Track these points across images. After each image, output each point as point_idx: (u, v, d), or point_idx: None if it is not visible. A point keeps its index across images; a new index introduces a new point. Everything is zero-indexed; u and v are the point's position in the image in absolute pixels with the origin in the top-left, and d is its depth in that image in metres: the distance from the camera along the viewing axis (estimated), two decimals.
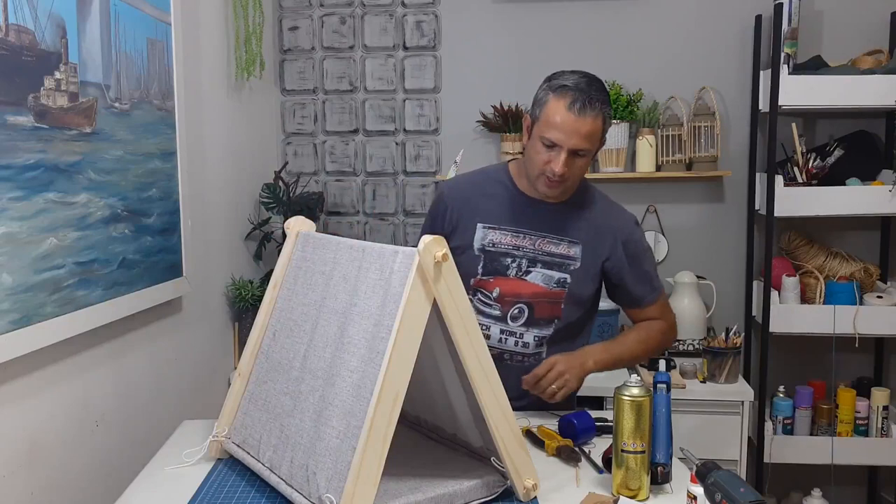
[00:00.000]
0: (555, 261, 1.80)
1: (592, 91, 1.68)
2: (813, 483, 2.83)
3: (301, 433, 1.31)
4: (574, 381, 1.73)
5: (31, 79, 1.48)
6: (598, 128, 1.69)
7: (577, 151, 1.68)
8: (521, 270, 1.80)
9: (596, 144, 1.72)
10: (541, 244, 1.80)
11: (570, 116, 1.66)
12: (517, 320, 1.81)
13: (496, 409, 1.28)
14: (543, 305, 1.81)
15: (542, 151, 1.70)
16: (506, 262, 1.81)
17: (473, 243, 1.82)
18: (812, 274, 2.80)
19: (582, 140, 1.67)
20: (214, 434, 1.51)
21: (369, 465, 1.16)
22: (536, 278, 1.80)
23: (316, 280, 1.44)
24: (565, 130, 1.66)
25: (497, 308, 1.81)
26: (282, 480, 1.32)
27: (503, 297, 1.80)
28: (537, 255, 1.80)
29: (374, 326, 1.23)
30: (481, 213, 1.83)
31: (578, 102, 1.66)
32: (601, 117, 1.69)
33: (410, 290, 1.18)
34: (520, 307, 1.80)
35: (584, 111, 1.66)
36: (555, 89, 1.70)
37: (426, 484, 1.32)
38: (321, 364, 1.32)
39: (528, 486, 1.32)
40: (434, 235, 1.20)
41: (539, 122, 1.71)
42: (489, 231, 1.82)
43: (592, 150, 1.72)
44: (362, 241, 1.37)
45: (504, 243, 1.81)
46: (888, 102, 2.63)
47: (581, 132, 1.66)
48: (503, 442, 1.30)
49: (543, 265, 1.80)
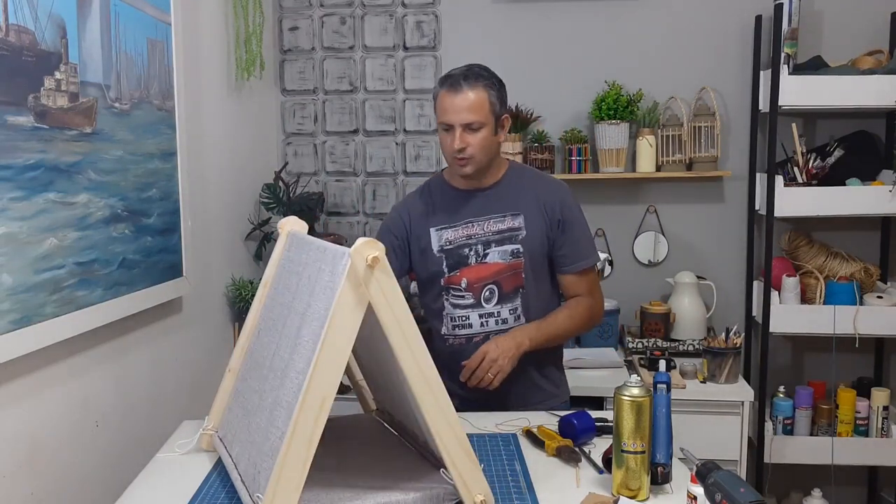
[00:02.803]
0: (504, 236, 1.92)
1: (469, 71, 1.86)
2: (813, 483, 2.83)
3: (258, 432, 1.30)
4: (508, 364, 1.81)
5: (32, 79, 1.48)
6: (480, 98, 1.84)
7: (469, 125, 1.83)
8: (479, 255, 1.93)
9: (484, 116, 1.84)
10: (488, 225, 1.93)
11: (450, 97, 1.83)
12: (490, 301, 1.93)
13: (438, 416, 1.22)
14: (507, 279, 1.92)
15: (443, 137, 1.87)
16: (465, 253, 1.93)
17: (432, 247, 1.95)
18: (812, 274, 2.80)
19: (467, 113, 1.82)
20: (204, 427, 1.56)
21: (291, 468, 1.13)
22: (494, 257, 1.93)
23: (291, 280, 1.44)
24: (451, 109, 1.83)
25: (469, 296, 1.93)
26: (238, 477, 1.32)
27: (472, 285, 1.93)
28: (489, 237, 1.93)
29: (320, 328, 1.19)
30: (431, 219, 1.97)
31: (455, 83, 1.84)
32: (481, 89, 1.84)
33: (340, 293, 1.15)
34: (490, 288, 1.92)
35: (459, 88, 1.83)
36: (440, 82, 1.89)
37: (371, 493, 1.30)
38: (280, 364, 1.32)
39: (478, 501, 1.24)
40: (369, 238, 1.18)
41: (437, 115, 1.89)
42: (442, 231, 1.95)
43: (484, 120, 1.84)
44: (326, 242, 1.34)
45: (458, 237, 1.94)
46: (888, 102, 2.63)
47: (464, 106, 1.82)
48: (448, 452, 1.23)
49: (496, 244, 1.92)
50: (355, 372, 1.74)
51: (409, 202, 2.05)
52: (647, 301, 2.88)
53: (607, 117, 2.87)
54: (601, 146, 2.91)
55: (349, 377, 1.74)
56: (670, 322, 2.84)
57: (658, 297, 2.97)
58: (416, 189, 2.09)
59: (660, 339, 2.80)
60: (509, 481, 1.43)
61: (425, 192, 2.03)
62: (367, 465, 1.44)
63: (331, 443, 1.27)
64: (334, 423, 1.33)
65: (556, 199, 1.94)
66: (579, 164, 2.93)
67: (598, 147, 2.92)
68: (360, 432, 1.66)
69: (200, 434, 1.57)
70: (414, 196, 2.06)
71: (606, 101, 2.87)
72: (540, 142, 2.95)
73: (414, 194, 2.07)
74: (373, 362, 1.57)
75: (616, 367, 2.68)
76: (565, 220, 1.93)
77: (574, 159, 2.93)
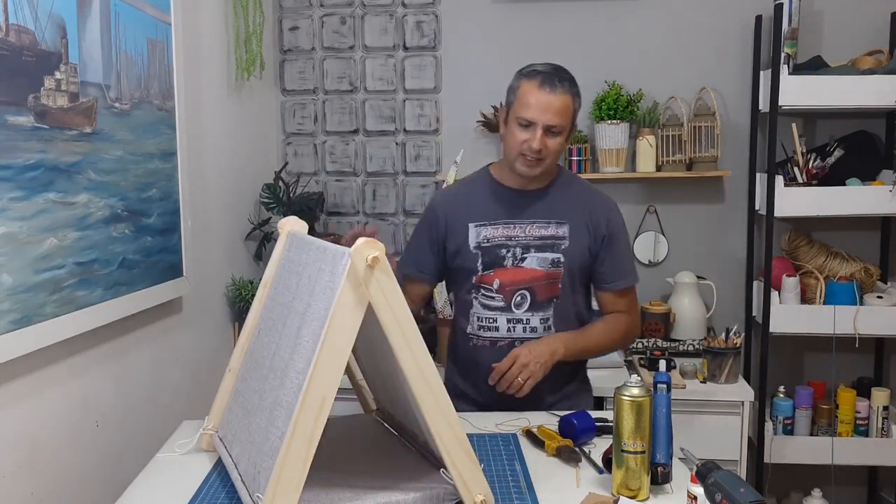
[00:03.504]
0: (546, 243, 1.87)
1: (561, 73, 1.82)
2: (813, 483, 2.83)
3: (258, 432, 1.30)
4: (540, 370, 1.75)
5: (32, 79, 1.48)
6: (568, 104, 1.79)
7: (551, 128, 1.78)
8: (516, 258, 1.87)
9: (567, 122, 1.81)
10: (531, 230, 1.88)
11: (542, 94, 1.77)
12: (521, 307, 1.87)
13: (438, 416, 1.23)
14: (542, 287, 1.87)
15: (519, 132, 1.80)
16: (501, 254, 1.87)
17: (469, 243, 1.89)
18: (812, 274, 2.80)
19: (555, 116, 1.77)
20: (204, 427, 1.56)
21: (291, 468, 1.13)
22: (532, 263, 1.86)
23: (291, 280, 1.44)
24: (539, 107, 1.77)
25: (500, 299, 1.87)
26: (239, 477, 1.32)
27: (504, 287, 1.87)
28: (529, 241, 1.87)
29: (320, 328, 1.19)
30: (470, 214, 1.90)
31: (548, 81, 1.78)
32: (570, 96, 1.80)
33: (340, 293, 1.15)
34: (521, 293, 1.86)
35: (554, 88, 1.77)
36: (525, 74, 1.83)
37: (371, 493, 1.30)
38: (280, 364, 1.32)
39: (478, 500, 1.24)
40: (369, 238, 1.17)
41: (514, 106, 1.82)
42: (481, 228, 1.89)
43: (565, 127, 1.81)
44: (327, 242, 1.34)
45: (497, 236, 1.88)
46: (888, 102, 2.63)
47: (553, 108, 1.77)
48: (448, 452, 1.23)
49: (536, 249, 1.87)
50: (355, 372, 1.74)
51: (448, 198, 1.98)
52: (647, 301, 2.88)
53: (607, 117, 2.87)
54: (601, 146, 2.91)
55: (349, 377, 1.74)
56: (670, 322, 2.84)
57: (658, 297, 2.97)
58: (458, 182, 2.03)
59: (660, 339, 2.81)
60: (509, 481, 1.43)
61: (466, 187, 1.98)
62: (367, 465, 1.44)
63: (331, 443, 1.27)
64: (334, 423, 1.33)
65: (604, 213, 1.90)
66: (579, 163, 2.93)
67: (598, 147, 2.92)
68: (360, 432, 1.66)
69: (200, 434, 1.57)
70: (452, 191, 2.01)
71: (606, 100, 2.87)
72: None
73: (456, 188, 2.03)
74: (373, 362, 1.57)
75: (616, 366, 2.68)
76: (611, 237, 1.89)
77: (574, 159, 2.94)
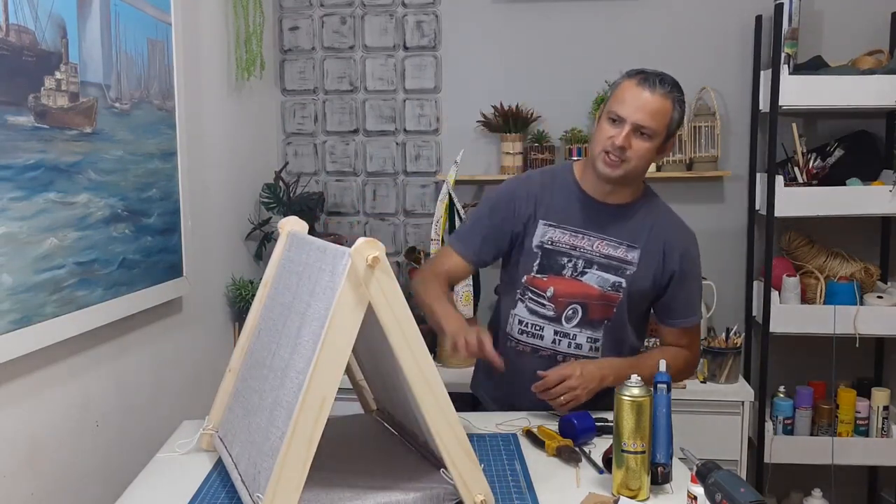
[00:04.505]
0: (612, 264, 1.78)
1: (665, 75, 1.71)
2: (813, 483, 2.83)
3: (258, 432, 1.30)
4: (584, 396, 1.69)
5: (32, 79, 1.48)
6: (665, 109, 1.67)
7: (641, 128, 1.66)
8: (576, 271, 1.78)
9: (660, 128, 1.68)
10: (599, 246, 1.78)
11: (638, 90, 1.67)
12: (571, 321, 1.79)
13: (438, 416, 1.22)
14: (597, 307, 1.79)
15: (607, 128, 1.70)
16: (562, 262, 1.78)
17: (532, 240, 1.80)
18: (812, 274, 2.80)
19: (647, 116, 1.66)
20: (204, 427, 1.56)
21: (291, 468, 1.13)
22: (591, 280, 1.78)
23: (291, 281, 1.44)
24: (631, 104, 1.67)
25: (551, 308, 1.79)
26: (239, 477, 1.32)
27: (557, 298, 1.78)
28: (594, 257, 1.78)
29: (320, 328, 1.19)
30: (544, 210, 1.80)
31: (648, 80, 1.68)
32: (670, 101, 1.68)
33: (340, 293, 1.15)
34: (574, 307, 1.78)
35: (653, 88, 1.66)
36: (629, 73, 1.73)
37: (371, 493, 1.30)
38: (280, 364, 1.31)
39: (478, 500, 1.24)
40: (369, 238, 1.17)
41: (608, 102, 1.73)
42: (549, 229, 1.80)
43: (657, 132, 1.68)
44: (327, 242, 1.34)
45: (562, 242, 1.79)
46: (888, 102, 2.63)
47: (647, 107, 1.66)
48: (448, 452, 1.23)
49: (599, 267, 1.78)
50: (355, 372, 1.74)
51: (532, 182, 1.85)
52: None
53: None
54: None
55: (349, 377, 1.74)
56: None
57: None
58: (540, 171, 1.93)
59: None
60: (509, 481, 1.43)
61: (549, 179, 1.85)
62: (367, 465, 1.44)
63: (331, 443, 1.27)
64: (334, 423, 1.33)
65: (681, 247, 1.80)
66: None
67: None
68: (360, 432, 1.66)
69: (200, 434, 1.57)
70: (535, 179, 1.86)
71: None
72: (540, 142, 2.95)
73: (535, 176, 1.88)
74: (373, 362, 1.57)
75: None
76: (683, 273, 1.79)
77: (574, 159, 2.93)
